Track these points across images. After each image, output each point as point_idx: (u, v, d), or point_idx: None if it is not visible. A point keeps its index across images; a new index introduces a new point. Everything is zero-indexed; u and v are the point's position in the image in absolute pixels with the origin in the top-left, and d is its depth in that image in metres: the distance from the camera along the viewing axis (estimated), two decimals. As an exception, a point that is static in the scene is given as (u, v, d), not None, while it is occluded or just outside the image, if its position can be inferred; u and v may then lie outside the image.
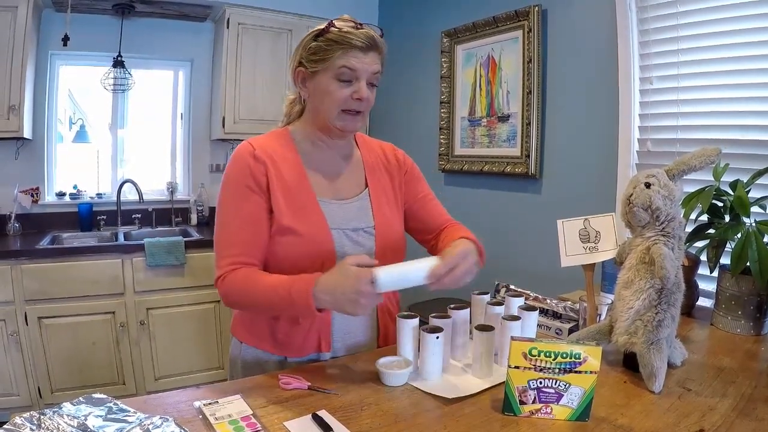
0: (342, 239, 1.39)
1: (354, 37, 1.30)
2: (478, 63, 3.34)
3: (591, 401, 1.07)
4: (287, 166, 1.40)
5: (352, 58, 1.30)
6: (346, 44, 1.30)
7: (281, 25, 3.85)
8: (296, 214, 1.36)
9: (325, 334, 1.41)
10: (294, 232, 1.34)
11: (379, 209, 1.48)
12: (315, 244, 1.35)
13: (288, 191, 1.37)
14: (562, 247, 1.57)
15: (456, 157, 3.55)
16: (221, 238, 1.38)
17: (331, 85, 1.33)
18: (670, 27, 2.31)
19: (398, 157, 1.61)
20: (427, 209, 1.61)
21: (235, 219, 1.36)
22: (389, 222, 1.49)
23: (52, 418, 0.95)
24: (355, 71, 1.31)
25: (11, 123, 3.15)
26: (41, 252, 2.99)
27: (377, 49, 1.35)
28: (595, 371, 1.06)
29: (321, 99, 1.36)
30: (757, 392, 1.21)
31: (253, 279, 1.32)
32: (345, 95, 1.33)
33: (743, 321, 1.62)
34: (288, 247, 1.35)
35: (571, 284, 2.12)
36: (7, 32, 3.08)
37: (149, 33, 3.82)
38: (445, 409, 1.12)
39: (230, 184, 1.37)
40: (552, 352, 1.06)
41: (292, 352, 1.41)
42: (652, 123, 2.43)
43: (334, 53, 1.31)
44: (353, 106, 1.35)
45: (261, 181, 1.36)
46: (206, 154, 4.17)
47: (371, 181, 1.52)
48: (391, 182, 1.56)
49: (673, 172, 1.31)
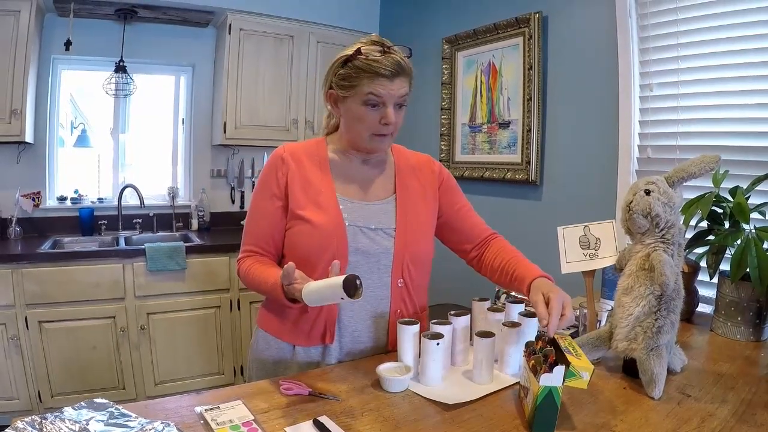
0: (357, 235, 1.43)
1: (379, 65, 1.33)
2: (479, 69, 3.36)
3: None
4: (313, 165, 1.48)
5: (378, 86, 1.34)
6: (372, 72, 1.34)
7: (283, 31, 3.86)
8: (312, 207, 1.43)
9: (330, 326, 1.45)
10: (308, 221, 1.41)
11: (403, 214, 1.50)
12: (327, 235, 1.40)
13: (308, 186, 1.45)
14: (562, 254, 1.58)
15: (457, 164, 3.56)
16: (245, 229, 1.53)
17: (360, 110, 1.38)
18: (671, 34, 2.32)
19: (434, 169, 1.64)
20: (464, 220, 1.64)
21: (255, 214, 1.50)
22: (413, 228, 1.50)
23: (54, 422, 0.96)
24: (382, 98, 1.35)
25: (13, 127, 3.15)
26: (42, 256, 2.99)
27: (404, 74, 1.38)
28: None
29: (352, 123, 1.43)
30: (756, 398, 1.21)
31: (252, 269, 1.44)
32: (373, 120, 1.38)
33: (743, 327, 1.63)
34: (302, 237, 1.43)
35: (571, 290, 2.10)
36: (10, 36, 3.09)
37: (151, 38, 3.83)
38: (445, 415, 1.13)
39: (259, 182, 1.52)
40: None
41: (300, 340, 1.47)
42: (652, 130, 2.43)
43: (361, 80, 1.35)
44: (382, 130, 1.40)
45: (281, 181, 1.46)
46: (207, 159, 4.17)
47: (400, 187, 1.54)
48: (423, 193, 1.58)
49: (673, 179, 1.32)
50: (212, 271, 3.39)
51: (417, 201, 1.55)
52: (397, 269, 1.46)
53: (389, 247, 1.45)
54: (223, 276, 3.44)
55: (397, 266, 1.46)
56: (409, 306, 1.53)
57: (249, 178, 4.25)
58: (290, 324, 1.48)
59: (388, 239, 1.46)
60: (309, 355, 1.47)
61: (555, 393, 1.01)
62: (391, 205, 1.51)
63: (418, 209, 1.54)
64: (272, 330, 1.52)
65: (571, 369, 1.04)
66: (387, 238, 1.46)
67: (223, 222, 4.17)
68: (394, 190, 1.54)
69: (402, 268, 1.46)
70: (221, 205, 4.22)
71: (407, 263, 1.47)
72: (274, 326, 1.52)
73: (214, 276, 3.41)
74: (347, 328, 1.46)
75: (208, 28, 4.01)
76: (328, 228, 1.40)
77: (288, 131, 3.94)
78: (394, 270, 1.45)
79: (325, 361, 1.46)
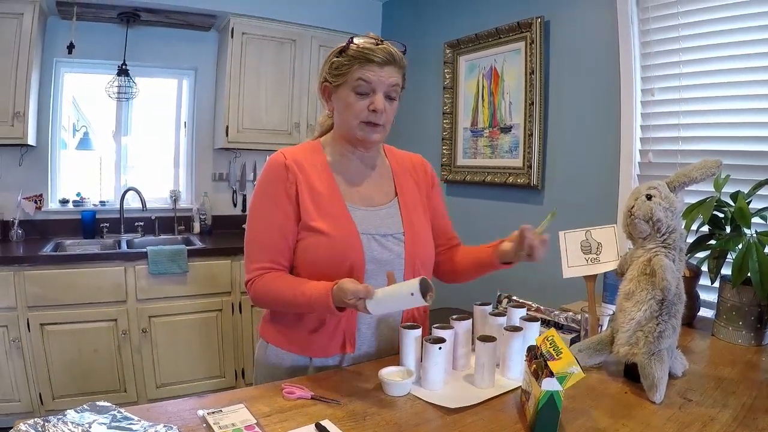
0: (371, 243, 1.42)
1: (371, 52, 1.36)
2: (481, 74, 3.36)
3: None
4: (317, 173, 1.45)
5: (368, 72, 1.36)
6: (363, 59, 1.36)
7: (285, 35, 3.88)
8: (325, 218, 1.40)
9: (350, 335, 1.43)
10: (323, 233, 1.38)
11: (408, 216, 1.51)
12: (343, 246, 1.38)
13: (317, 197, 1.42)
14: (564, 259, 1.58)
15: (458, 168, 3.56)
16: (252, 244, 1.45)
17: (350, 97, 1.39)
18: (672, 39, 2.33)
19: (426, 169, 1.67)
20: (441, 220, 1.67)
21: (264, 226, 1.43)
22: (418, 229, 1.52)
23: (57, 425, 0.96)
24: (371, 83, 1.37)
25: (15, 129, 3.17)
26: (44, 258, 3.00)
27: (395, 64, 1.39)
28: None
29: (343, 111, 1.43)
30: (757, 402, 1.21)
31: (278, 283, 1.38)
32: (362, 107, 1.38)
33: (744, 331, 1.63)
34: (318, 250, 1.39)
35: (572, 295, 2.12)
36: (13, 39, 3.10)
37: (154, 41, 3.85)
38: (447, 419, 1.13)
39: (262, 192, 1.45)
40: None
41: (317, 352, 1.44)
42: (653, 134, 2.44)
43: (352, 67, 1.37)
44: (371, 118, 1.40)
45: (291, 191, 1.42)
46: (209, 162, 4.19)
47: (400, 189, 1.55)
48: (419, 192, 1.60)
49: (674, 184, 1.32)
50: (214, 275, 3.39)
51: (417, 203, 1.57)
52: (409, 273, 1.45)
53: (400, 252, 1.45)
54: (225, 279, 3.44)
55: (408, 270, 1.45)
56: (420, 308, 1.54)
57: (251, 182, 4.26)
58: (306, 337, 1.44)
59: (398, 244, 1.46)
60: (326, 365, 1.45)
61: (557, 397, 1.01)
62: (395, 209, 1.51)
63: (419, 211, 1.56)
64: (284, 344, 1.47)
65: (558, 375, 1.02)
66: (398, 244, 1.46)
67: (225, 225, 4.17)
68: (395, 193, 1.54)
69: (413, 272, 1.46)
70: (223, 209, 4.23)
71: (418, 267, 1.47)
72: (287, 340, 1.47)
73: (216, 279, 3.41)
74: (365, 336, 1.46)
75: (210, 32, 4.03)
76: (344, 238, 1.39)
77: (290, 135, 3.94)
78: (405, 274, 1.45)
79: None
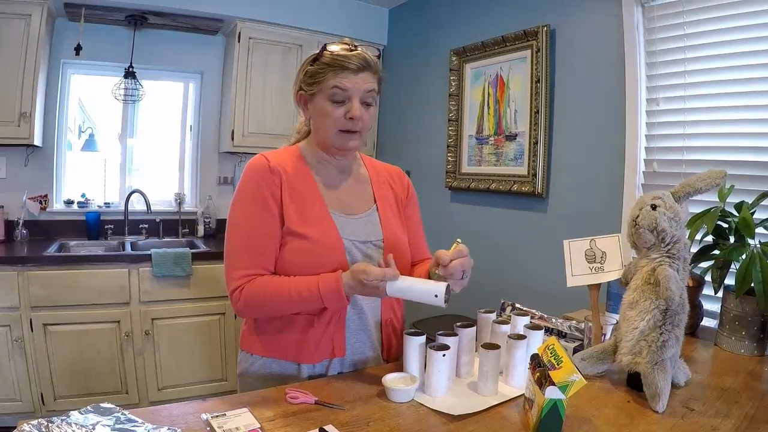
0: (352, 249, 1.43)
1: (345, 59, 1.36)
2: (487, 82, 3.37)
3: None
4: (299, 179, 1.44)
5: (343, 79, 1.36)
6: (338, 66, 1.35)
7: (292, 40, 3.89)
8: (308, 223, 1.40)
9: (339, 340, 1.43)
10: (306, 238, 1.38)
11: (387, 224, 1.52)
12: (327, 251, 1.38)
13: (301, 202, 1.41)
14: (568, 267, 1.58)
15: (463, 175, 3.56)
16: (235, 250, 1.41)
17: (327, 106, 1.39)
18: (678, 49, 2.33)
19: (404, 182, 1.67)
20: (415, 233, 1.66)
21: (254, 231, 1.39)
22: (397, 236, 1.53)
23: (60, 426, 0.96)
24: (347, 91, 1.36)
25: (22, 130, 3.18)
26: (48, 259, 3.01)
27: (370, 69, 1.39)
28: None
29: (319, 120, 1.42)
30: (760, 413, 1.21)
31: (274, 283, 1.36)
32: (339, 115, 1.38)
33: (747, 341, 1.63)
34: (301, 255, 1.38)
35: (576, 303, 2.12)
36: (20, 40, 3.13)
37: (161, 45, 3.87)
38: (450, 426, 1.13)
39: (246, 197, 1.41)
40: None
41: (305, 357, 1.42)
42: (658, 144, 2.44)
43: (326, 75, 1.36)
44: (348, 125, 1.39)
45: (275, 194, 1.40)
46: (214, 166, 4.20)
47: (379, 198, 1.56)
48: (396, 203, 1.61)
49: (679, 194, 1.32)
50: (217, 278, 3.39)
51: (395, 211, 1.58)
52: None
53: (379, 258, 1.44)
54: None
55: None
56: (398, 313, 1.57)
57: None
58: (293, 343, 1.42)
59: (377, 251, 1.47)
60: (314, 371, 1.45)
61: (560, 406, 1.02)
62: (374, 217, 1.52)
63: (397, 219, 1.57)
64: (271, 353, 1.45)
65: (559, 384, 1.02)
66: (377, 250, 1.47)
67: (229, 228, 4.16)
68: (374, 201, 1.55)
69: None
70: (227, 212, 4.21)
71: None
72: (275, 348, 1.45)
73: (219, 283, 3.39)
74: (349, 341, 1.45)
75: (217, 36, 4.05)
76: (328, 244, 1.39)
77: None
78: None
79: (328, 374, 1.45)
